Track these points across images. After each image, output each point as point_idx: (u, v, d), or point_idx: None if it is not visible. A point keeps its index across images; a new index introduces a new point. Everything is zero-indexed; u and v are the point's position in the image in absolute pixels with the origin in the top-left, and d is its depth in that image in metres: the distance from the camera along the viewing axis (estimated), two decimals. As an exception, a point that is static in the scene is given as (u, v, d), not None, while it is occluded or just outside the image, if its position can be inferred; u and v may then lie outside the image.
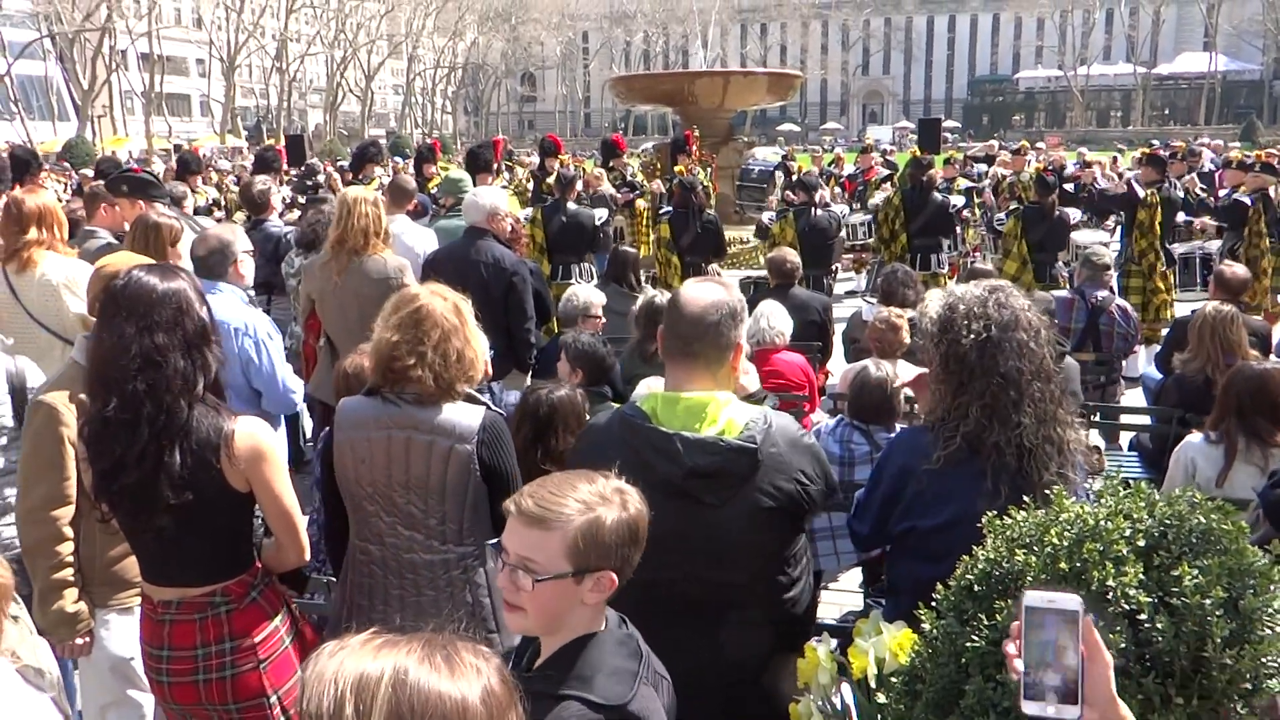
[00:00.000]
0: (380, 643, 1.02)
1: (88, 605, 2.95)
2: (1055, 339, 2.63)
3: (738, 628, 2.38)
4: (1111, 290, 6.89)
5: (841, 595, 4.34)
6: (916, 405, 3.75)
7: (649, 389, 2.58)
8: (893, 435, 3.89)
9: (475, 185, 7.51)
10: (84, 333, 3.02)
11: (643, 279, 7.41)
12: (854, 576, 4.40)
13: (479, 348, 2.77)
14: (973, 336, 2.43)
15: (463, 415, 2.69)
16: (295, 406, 4.47)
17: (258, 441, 2.52)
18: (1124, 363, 7.25)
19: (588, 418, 3.60)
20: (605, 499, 1.72)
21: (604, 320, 5.61)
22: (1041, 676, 1.32)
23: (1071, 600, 1.33)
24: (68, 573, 2.88)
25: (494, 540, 2.71)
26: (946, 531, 2.39)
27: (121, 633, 2.98)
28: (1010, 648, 1.35)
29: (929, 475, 2.50)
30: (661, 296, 5.27)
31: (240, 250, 4.13)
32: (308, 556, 2.82)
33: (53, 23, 48.07)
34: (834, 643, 2.13)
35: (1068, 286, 8.79)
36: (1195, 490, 1.74)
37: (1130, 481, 1.80)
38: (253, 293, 4.48)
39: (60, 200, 7.56)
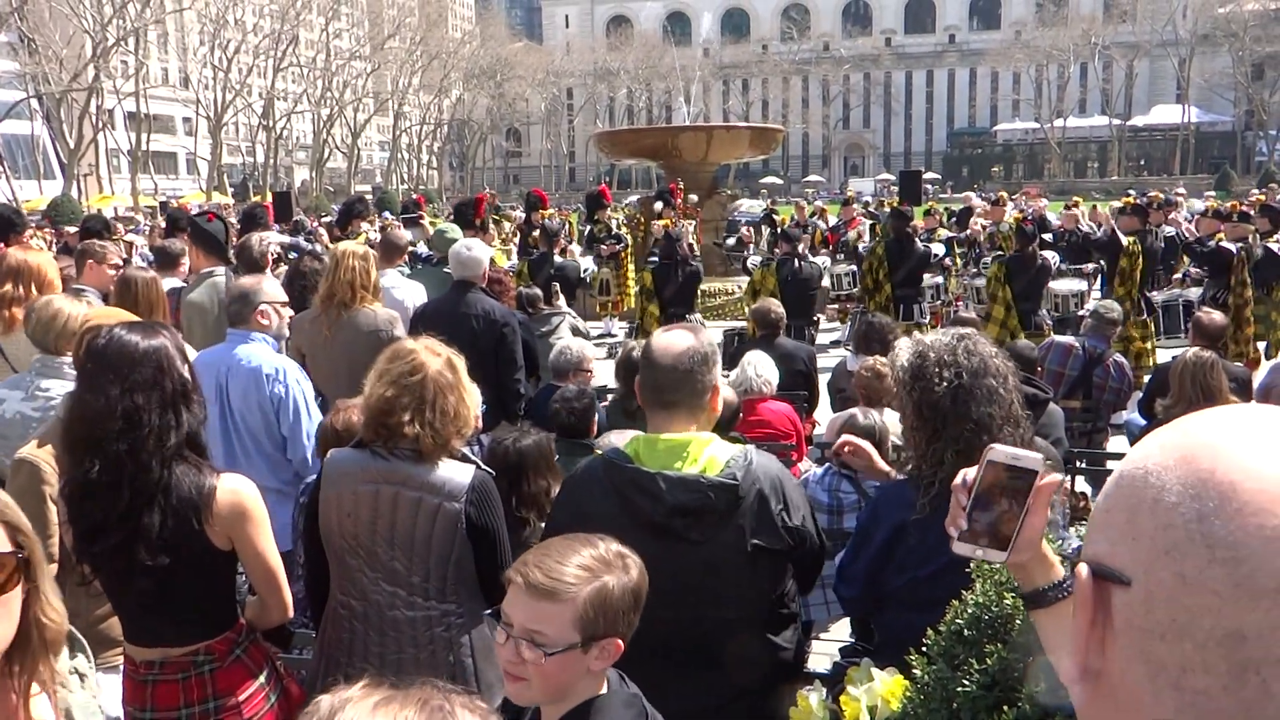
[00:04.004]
0: (378, 699, 1.01)
1: (69, 665, 2.90)
2: (1022, 383, 2.65)
3: (729, 667, 2.37)
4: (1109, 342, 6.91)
5: (832, 646, 4.30)
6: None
7: (620, 437, 2.60)
8: (879, 484, 3.89)
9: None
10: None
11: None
12: (844, 627, 4.37)
13: (472, 403, 2.77)
14: (945, 384, 2.46)
15: (453, 473, 2.68)
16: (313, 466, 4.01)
17: (240, 499, 2.49)
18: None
19: (556, 459, 3.61)
20: (609, 564, 1.71)
21: (593, 373, 5.62)
22: (979, 522, 1.35)
23: (1034, 460, 1.35)
24: (49, 632, 2.84)
25: (489, 610, 2.69)
26: (937, 579, 2.39)
27: (105, 693, 2.93)
28: (961, 493, 1.36)
29: (918, 526, 2.50)
30: (639, 349, 5.28)
31: (262, 300, 4.08)
32: (291, 613, 2.79)
33: (40, 83, 48.40)
34: (825, 691, 2.11)
35: (1052, 334, 8.86)
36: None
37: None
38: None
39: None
